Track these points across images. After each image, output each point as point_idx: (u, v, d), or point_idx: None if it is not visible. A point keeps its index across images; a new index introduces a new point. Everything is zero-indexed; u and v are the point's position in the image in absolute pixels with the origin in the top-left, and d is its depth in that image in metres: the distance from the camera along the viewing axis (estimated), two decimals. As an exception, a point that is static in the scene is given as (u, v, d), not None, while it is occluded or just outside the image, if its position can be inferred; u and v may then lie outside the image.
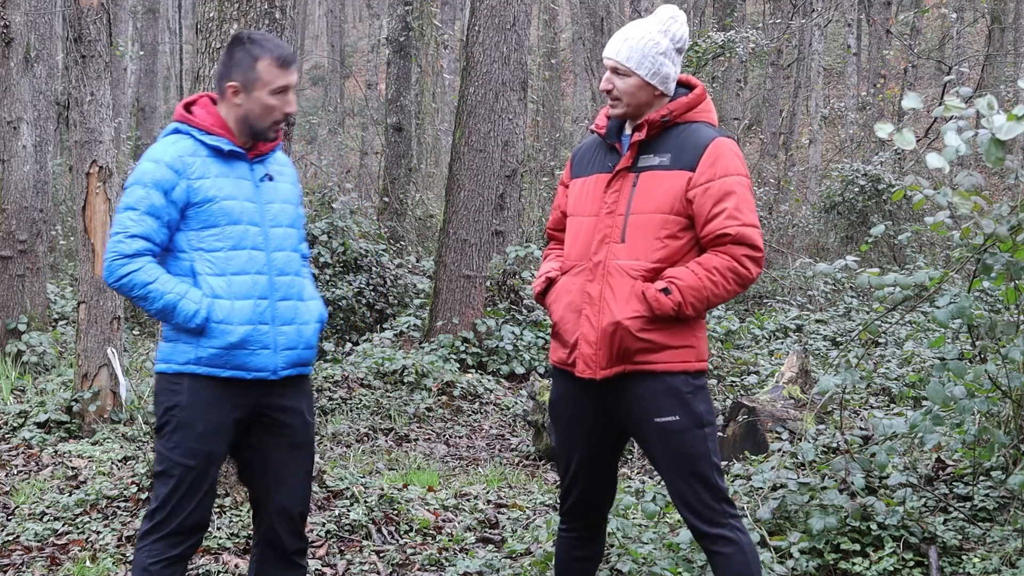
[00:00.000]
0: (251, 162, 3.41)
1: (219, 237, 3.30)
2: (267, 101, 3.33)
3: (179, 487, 3.28)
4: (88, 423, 6.82)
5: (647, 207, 3.23)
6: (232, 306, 3.28)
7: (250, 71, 3.32)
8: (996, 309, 8.33)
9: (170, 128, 3.41)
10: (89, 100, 6.86)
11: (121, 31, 19.85)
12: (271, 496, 3.44)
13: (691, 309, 3.17)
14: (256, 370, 3.31)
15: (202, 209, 3.29)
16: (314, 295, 3.54)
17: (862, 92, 23.14)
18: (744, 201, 3.19)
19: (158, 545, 3.29)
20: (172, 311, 3.24)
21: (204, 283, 3.28)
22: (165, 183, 3.27)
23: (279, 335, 3.35)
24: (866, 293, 12.69)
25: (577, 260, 3.34)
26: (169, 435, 3.30)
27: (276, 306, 3.36)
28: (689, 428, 3.21)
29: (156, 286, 3.24)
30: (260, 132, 3.38)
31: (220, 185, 3.32)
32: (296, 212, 3.53)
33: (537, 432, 7.25)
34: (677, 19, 3.34)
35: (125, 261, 3.24)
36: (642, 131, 3.27)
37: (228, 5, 4.98)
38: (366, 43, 33.55)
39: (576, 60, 26.95)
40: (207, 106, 3.41)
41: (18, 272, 9.84)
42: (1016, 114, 3.45)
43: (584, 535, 3.52)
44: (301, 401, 3.46)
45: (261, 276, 3.34)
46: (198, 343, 3.27)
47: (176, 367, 3.30)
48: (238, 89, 3.34)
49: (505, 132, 10.25)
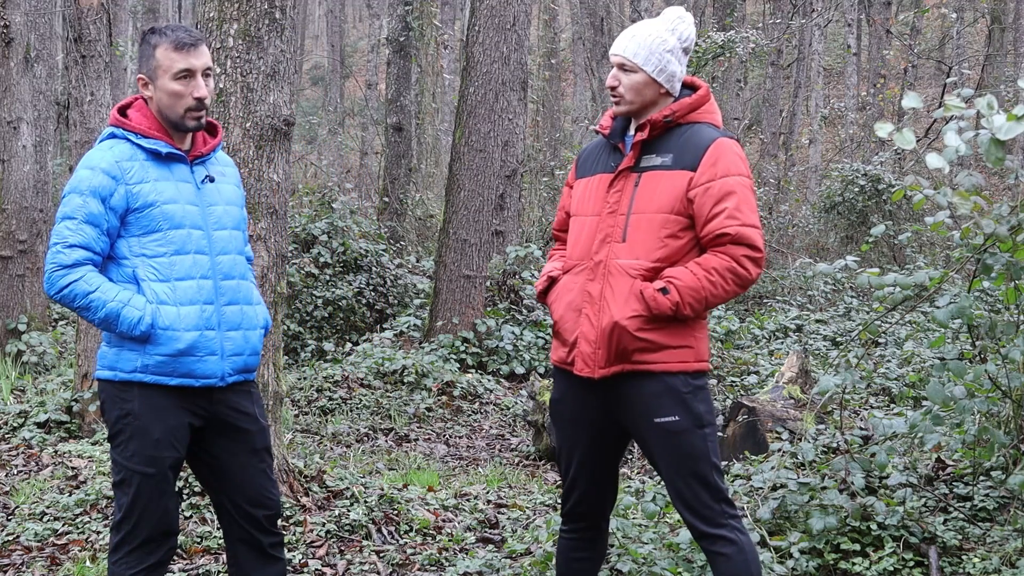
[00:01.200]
0: (191, 164, 3.34)
1: (161, 242, 3.22)
2: (171, 87, 3.24)
3: (140, 495, 3.21)
4: (88, 423, 6.82)
5: (648, 207, 3.23)
6: (178, 312, 3.21)
7: (151, 60, 3.26)
8: (996, 309, 8.33)
9: (106, 133, 3.33)
10: (89, 100, 6.87)
11: (121, 31, 19.85)
12: (233, 499, 3.38)
13: (689, 309, 3.17)
14: (204, 377, 3.25)
15: (143, 214, 3.21)
16: (260, 300, 3.47)
17: (862, 92, 23.15)
18: (745, 201, 3.19)
19: (133, 556, 3.24)
20: (116, 319, 3.16)
21: (148, 289, 3.20)
22: (103, 190, 3.18)
23: (226, 340, 3.29)
24: (866, 293, 12.69)
25: (579, 259, 3.35)
26: (125, 444, 3.23)
27: (222, 311, 3.29)
28: (688, 428, 3.21)
29: (98, 295, 3.15)
30: (175, 122, 3.28)
31: (160, 189, 3.24)
32: (240, 214, 3.46)
33: (537, 432, 7.25)
34: (684, 19, 3.35)
35: (65, 272, 3.16)
36: (645, 131, 3.28)
37: (228, 5, 4.98)
38: (366, 43, 33.56)
39: (576, 60, 26.96)
40: (142, 108, 3.33)
41: (18, 272, 9.85)
42: (1016, 114, 3.45)
43: (585, 536, 3.52)
44: (252, 405, 3.40)
45: (206, 281, 3.27)
46: (144, 350, 3.19)
47: (123, 375, 3.22)
48: (146, 81, 3.28)
49: (505, 132, 10.25)
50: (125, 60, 18.35)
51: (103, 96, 6.91)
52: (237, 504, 3.39)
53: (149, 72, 3.27)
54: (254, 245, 4.84)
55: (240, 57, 4.96)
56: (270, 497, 3.43)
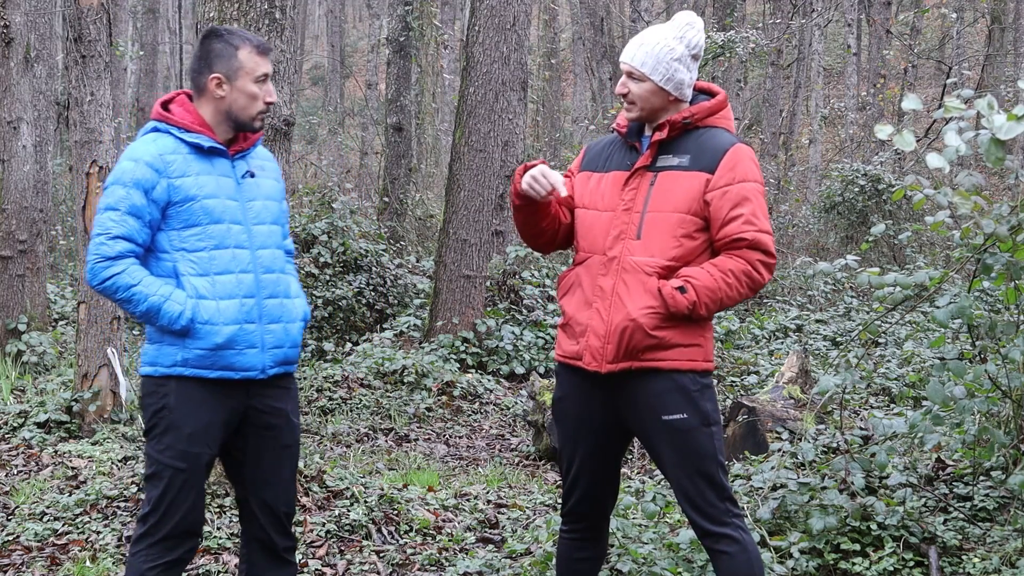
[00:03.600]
0: (232, 159, 3.36)
1: (201, 236, 3.26)
2: (251, 89, 3.30)
3: (169, 490, 3.24)
4: (88, 423, 6.82)
5: (665, 206, 3.26)
6: (217, 306, 3.24)
7: (232, 60, 3.29)
8: (996, 309, 8.33)
9: (149, 127, 3.36)
10: (89, 100, 6.86)
11: (121, 31, 19.85)
12: (258, 495, 3.41)
13: (704, 309, 3.20)
14: (244, 369, 3.28)
15: (183, 208, 3.25)
16: (299, 293, 3.50)
17: (862, 92, 23.14)
18: (760, 207, 3.25)
19: (155, 549, 3.26)
20: (156, 313, 3.19)
21: (188, 284, 3.23)
22: (145, 182, 3.22)
23: (266, 334, 3.32)
24: (866, 293, 12.68)
25: (590, 252, 3.35)
26: (159, 437, 3.26)
27: (263, 304, 3.33)
28: (696, 426, 3.23)
29: (140, 288, 3.19)
30: (244, 123, 3.34)
31: (201, 183, 3.27)
32: (280, 208, 3.49)
33: (537, 432, 7.25)
34: (694, 26, 3.35)
35: (108, 264, 3.20)
36: (663, 131, 3.30)
37: (228, 5, 4.98)
38: (366, 43, 33.55)
39: (576, 60, 26.95)
40: (185, 103, 3.36)
41: (18, 272, 9.84)
42: (1016, 114, 3.45)
43: (586, 536, 3.52)
44: (287, 402, 3.44)
45: (246, 275, 3.30)
46: (184, 344, 3.23)
47: (163, 370, 3.26)
48: (221, 80, 3.30)
49: (505, 132, 10.25)
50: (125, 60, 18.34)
51: (103, 96, 6.90)
52: (260, 500, 3.42)
53: (229, 72, 3.30)
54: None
55: (240, 57, 4.95)
56: (291, 495, 3.47)
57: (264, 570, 3.46)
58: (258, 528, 3.44)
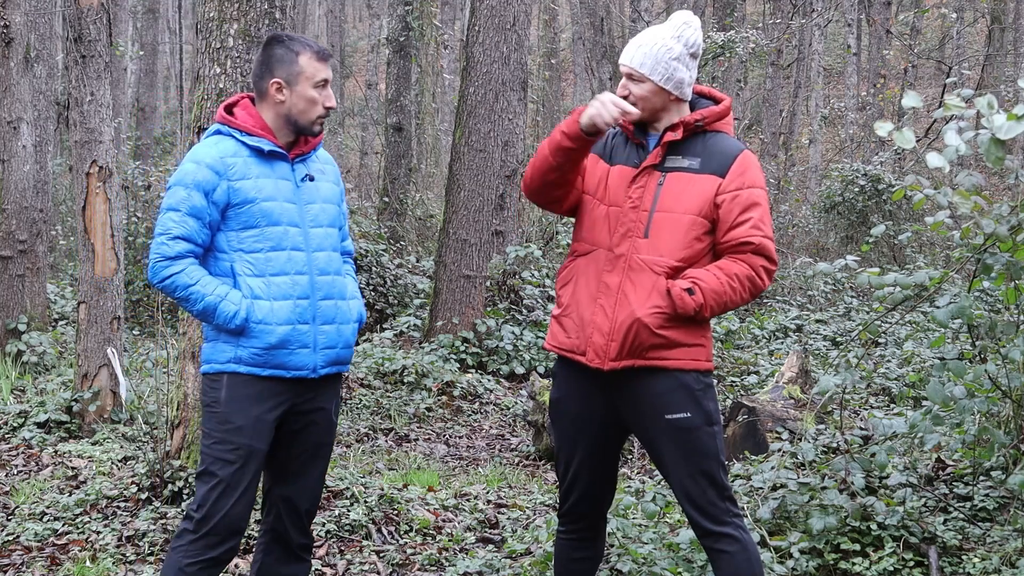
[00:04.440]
0: (292, 162, 3.44)
1: (258, 238, 3.33)
2: (310, 94, 3.37)
3: (218, 484, 3.30)
4: (88, 423, 6.82)
5: (676, 207, 3.27)
6: (271, 307, 3.31)
7: (293, 65, 3.36)
8: (996, 309, 8.33)
9: (212, 129, 3.44)
10: (89, 100, 6.86)
11: (121, 31, 19.85)
12: (284, 490, 3.48)
13: (709, 311, 3.23)
14: (296, 369, 3.36)
15: (242, 210, 3.33)
16: (356, 295, 3.57)
17: (862, 92, 23.15)
18: (766, 214, 3.29)
19: (196, 545, 3.31)
20: (213, 312, 3.28)
21: (243, 284, 3.32)
22: (206, 184, 3.30)
23: (319, 334, 3.39)
24: (866, 293, 12.69)
25: (595, 245, 3.35)
26: (209, 432, 3.34)
27: (318, 305, 3.39)
28: (699, 426, 3.24)
29: (197, 288, 3.28)
30: (304, 127, 3.41)
31: (261, 186, 3.34)
32: (338, 211, 3.56)
33: (537, 432, 7.25)
34: (691, 24, 3.36)
35: (168, 263, 3.29)
36: (677, 131, 3.31)
37: (228, 5, 4.98)
38: (366, 43, 33.56)
39: (576, 60, 26.95)
40: (247, 107, 3.43)
41: (18, 272, 9.84)
42: (1016, 114, 3.45)
43: (584, 536, 3.52)
44: (331, 401, 3.51)
45: (301, 276, 3.37)
46: (238, 343, 3.31)
47: (217, 366, 3.35)
48: (282, 85, 3.37)
49: (505, 132, 10.25)
50: (125, 60, 18.33)
51: (103, 96, 6.90)
52: (285, 496, 3.48)
53: (289, 77, 3.36)
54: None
55: (240, 57, 4.96)
56: (316, 493, 3.54)
57: (278, 564, 3.52)
58: (278, 521, 3.50)
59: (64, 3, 8.53)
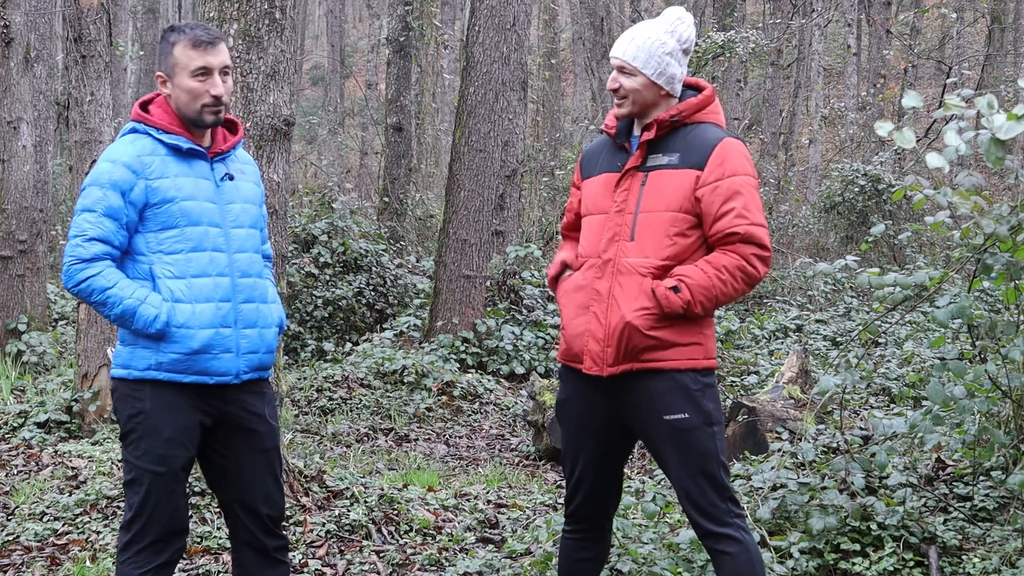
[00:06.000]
0: (211, 160, 3.33)
1: (179, 239, 3.22)
2: (188, 84, 3.24)
3: (151, 494, 3.21)
4: (88, 423, 6.82)
5: (656, 206, 3.25)
6: (193, 310, 3.20)
7: (169, 57, 3.27)
8: (996, 309, 8.33)
9: (127, 128, 3.33)
10: (89, 100, 6.87)
11: (121, 31, 19.84)
12: (240, 499, 3.39)
13: (700, 308, 3.19)
14: (218, 375, 3.24)
15: (161, 210, 3.21)
16: (276, 298, 3.47)
17: (862, 92, 23.14)
18: (752, 201, 3.22)
19: (143, 555, 3.23)
20: (132, 316, 3.15)
21: (163, 287, 3.20)
22: (123, 183, 3.18)
23: (241, 339, 3.28)
24: (866, 293, 12.69)
25: (587, 256, 3.36)
26: (136, 443, 3.23)
27: (239, 308, 3.29)
28: (698, 426, 3.22)
29: (115, 291, 3.15)
30: (192, 119, 3.28)
31: (180, 185, 3.23)
32: (259, 212, 3.45)
33: (537, 432, 7.24)
34: (684, 20, 3.35)
35: (84, 266, 3.16)
36: (651, 130, 3.29)
37: (228, 5, 4.98)
38: (366, 43, 33.55)
39: (576, 60, 26.96)
40: (163, 104, 3.32)
41: (18, 272, 9.84)
42: (1016, 114, 3.45)
43: (589, 536, 3.51)
44: (264, 405, 3.40)
45: (223, 278, 3.26)
46: (158, 348, 3.19)
47: (136, 373, 3.22)
48: (164, 78, 3.29)
49: (505, 132, 10.25)
50: (125, 60, 18.34)
51: (103, 96, 6.91)
52: (244, 504, 3.39)
53: (167, 69, 3.28)
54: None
55: (240, 57, 4.96)
56: (274, 498, 3.43)
57: (256, 571, 3.44)
58: (244, 531, 3.41)
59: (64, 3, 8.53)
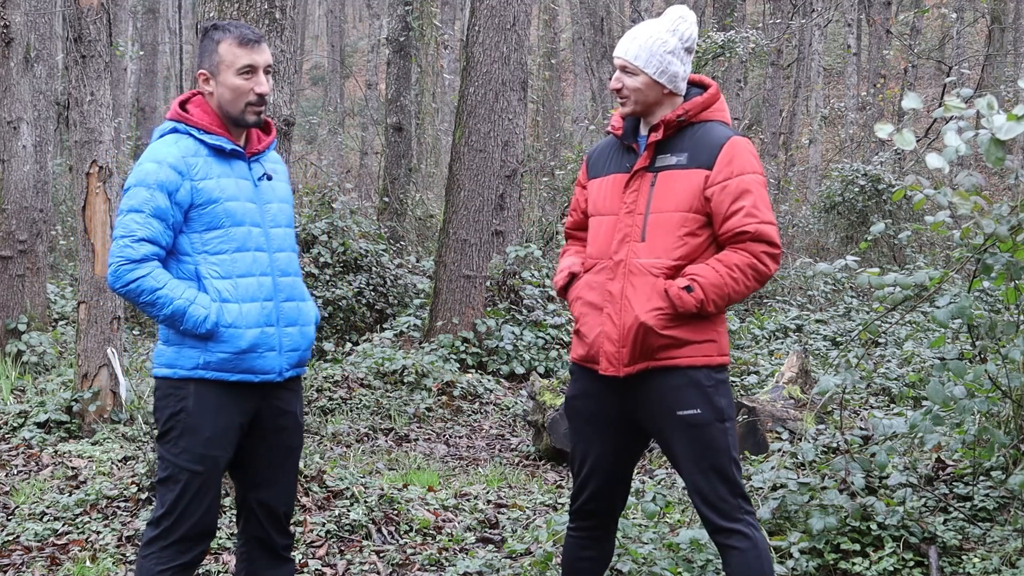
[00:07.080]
0: (248, 160, 3.35)
1: (223, 239, 3.23)
2: (233, 82, 3.24)
3: (186, 493, 3.22)
4: (88, 423, 6.82)
5: (666, 206, 3.26)
6: (240, 309, 3.22)
7: (213, 55, 3.26)
8: (996, 309, 8.33)
9: (167, 127, 3.31)
10: (89, 100, 6.86)
11: (121, 31, 19.85)
12: (260, 495, 3.41)
13: (713, 306, 3.20)
14: (263, 373, 3.28)
15: (205, 211, 3.22)
16: (309, 296, 3.52)
17: (862, 92, 23.15)
18: (761, 199, 3.24)
19: (167, 552, 3.24)
20: (182, 317, 3.16)
21: (210, 287, 3.21)
22: (169, 184, 3.18)
23: (284, 337, 3.32)
24: (866, 293, 12.69)
25: (598, 258, 3.36)
26: (175, 440, 3.24)
27: (281, 307, 3.32)
28: (711, 422, 3.23)
29: (165, 292, 3.16)
30: (235, 118, 3.29)
31: (223, 186, 3.25)
32: (292, 212, 3.48)
33: (537, 432, 7.24)
34: (686, 19, 3.36)
35: (133, 266, 3.16)
36: (659, 131, 3.30)
37: (228, 5, 4.98)
38: (366, 43, 33.56)
39: (576, 60, 26.96)
40: (202, 104, 3.33)
41: (18, 272, 9.84)
42: (1016, 114, 3.45)
43: (593, 535, 3.51)
44: (295, 403, 3.44)
45: (266, 278, 3.30)
46: (206, 347, 3.21)
47: (183, 372, 3.23)
48: (207, 76, 3.28)
49: (505, 132, 10.24)
50: (125, 60, 18.33)
51: (103, 96, 6.90)
52: (263, 501, 3.41)
53: (211, 67, 3.27)
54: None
55: (240, 57, 4.95)
56: (292, 496, 3.48)
57: (264, 568, 3.47)
58: (257, 527, 3.43)
59: (64, 3, 8.53)
